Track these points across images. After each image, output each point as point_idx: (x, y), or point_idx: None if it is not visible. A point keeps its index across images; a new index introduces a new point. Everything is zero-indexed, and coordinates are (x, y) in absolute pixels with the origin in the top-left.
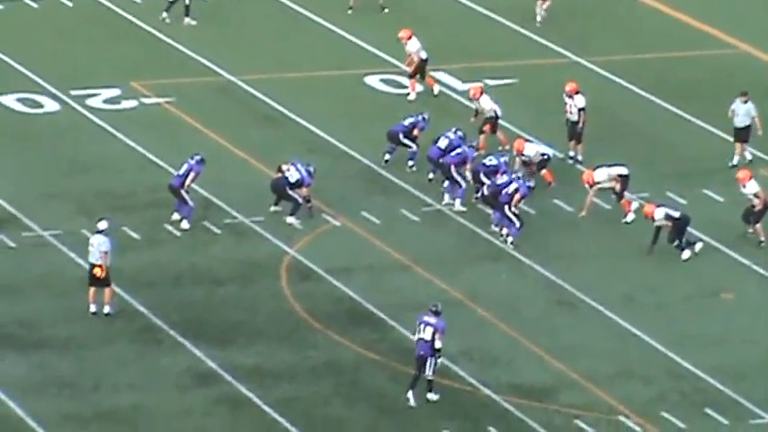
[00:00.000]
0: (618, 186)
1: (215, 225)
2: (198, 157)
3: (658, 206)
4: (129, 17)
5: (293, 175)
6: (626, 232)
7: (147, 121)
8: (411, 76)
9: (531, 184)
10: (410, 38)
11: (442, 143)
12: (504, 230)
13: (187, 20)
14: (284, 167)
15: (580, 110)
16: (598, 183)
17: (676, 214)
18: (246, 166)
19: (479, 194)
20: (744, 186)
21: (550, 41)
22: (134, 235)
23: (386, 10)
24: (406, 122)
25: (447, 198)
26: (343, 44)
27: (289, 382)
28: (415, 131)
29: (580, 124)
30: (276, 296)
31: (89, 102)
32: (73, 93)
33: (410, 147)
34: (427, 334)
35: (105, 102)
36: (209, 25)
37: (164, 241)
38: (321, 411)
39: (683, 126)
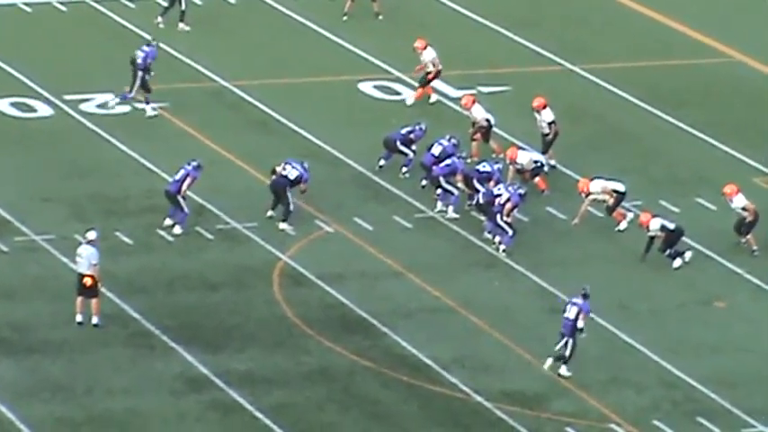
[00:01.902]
0: (611, 201)
1: (208, 231)
2: (195, 163)
3: (654, 216)
4: (123, 22)
5: (292, 173)
6: (619, 240)
7: (141, 127)
8: (422, 85)
9: (523, 191)
10: (425, 48)
11: (436, 150)
12: (497, 238)
13: (181, 25)
14: (279, 168)
15: (550, 123)
16: (592, 193)
17: (671, 226)
18: (240, 172)
19: (474, 202)
20: (731, 201)
21: (545, 49)
22: (127, 240)
23: (380, 17)
24: (404, 131)
25: (440, 205)
26: (337, 50)
27: (281, 387)
28: (412, 138)
29: (551, 136)
30: (269, 302)
31: (82, 106)
32: (66, 97)
33: (406, 154)
34: (572, 313)
35: (99, 106)
36: (202, 30)
37: (157, 246)
38: (314, 417)
39: (676, 134)
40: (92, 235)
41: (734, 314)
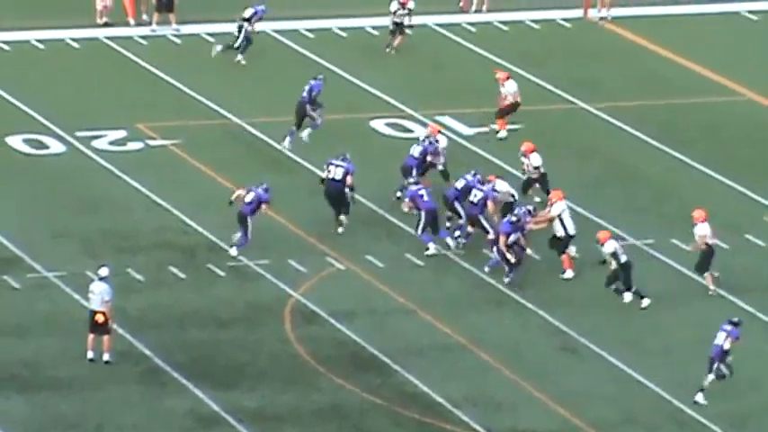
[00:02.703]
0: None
1: (219, 267)
2: (264, 186)
3: (612, 239)
4: (136, 59)
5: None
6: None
7: (153, 163)
8: (500, 117)
9: (514, 218)
10: (507, 79)
11: (459, 184)
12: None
13: (239, 57)
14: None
15: (536, 168)
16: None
17: (623, 258)
18: None
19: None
20: (694, 225)
21: (557, 87)
22: (138, 276)
23: (391, 51)
24: (416, 153)
25: (432, 248)
26: (349, 88)
27: (292, 425)
28: (428, 158)
29: (535, 177)
30: (280, 339)
31: (95, 143)
32: (78, 134)
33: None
34: (720, 339)
35: (111, 143)
36: (215, 68)
37: (168, 283)
38: None
39: (687, 172)
40: (104, 271)
41: (746, 351)
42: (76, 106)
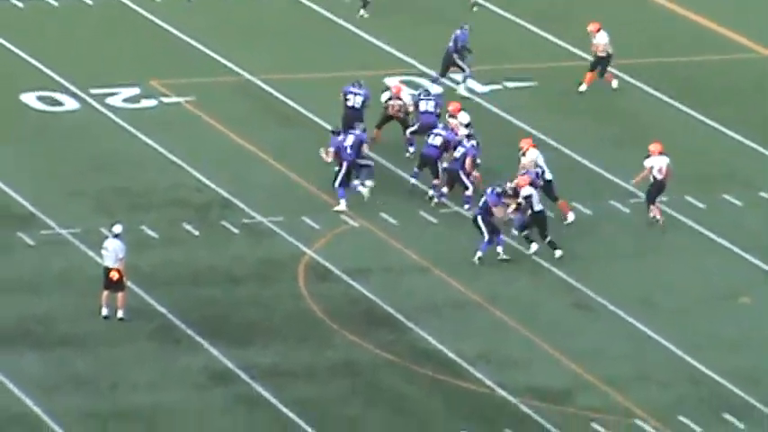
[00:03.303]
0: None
1: (233, 224)
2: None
3: (530, 185)
4: (150, 16)
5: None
6: (644, 236)
7: (167, 121)
8: (591, 69)
9: (475, 142)
10: (598, 30)
11: (437, 141)
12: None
13: (362, 11)
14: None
15: (466, 125)
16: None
17: (537, 207)
18: (266, 166)
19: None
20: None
21: (572, 45)
22: (152, 233)
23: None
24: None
25: (342, 205)
26: (364, 45)
27: (306, 382)
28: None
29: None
30: (294, 296)
31: (109, 100)
32: (93, 91)
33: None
34: None
35: (125, 101)
36: (228, 24)
37: (182, 240)
38: (338, 411)
39: (703, 130)
40: (118, 228)
41: (759, 310)
42: (90, 63)
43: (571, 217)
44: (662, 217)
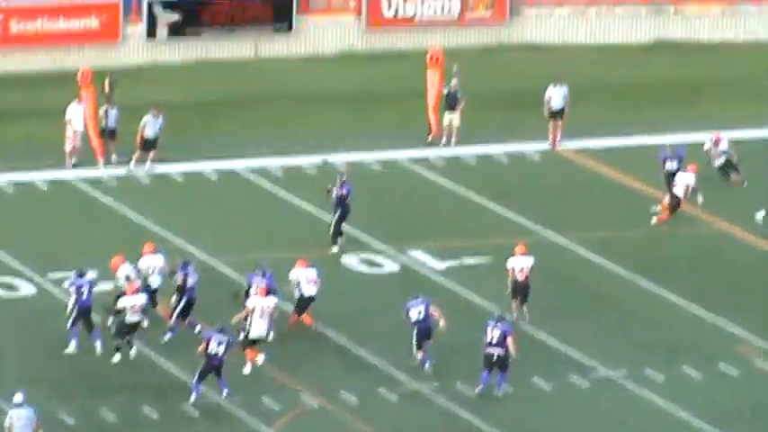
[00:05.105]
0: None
1: (192, 407)
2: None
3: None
4: (105, 201)
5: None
6: (603, 412)
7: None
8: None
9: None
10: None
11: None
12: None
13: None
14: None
15: None
16: None
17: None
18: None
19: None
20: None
21: (529, 219)
22: (111, 418)
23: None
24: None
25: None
26: (318, 225)
27: None
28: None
29: None
30: None
31: (66, 285)
32: (50, 276)
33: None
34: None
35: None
36: (182, 207)
37: (141, 426)
38: None
39: (660, 301)
40: (18, 398)
41: None
42: (46, 249)
43: None
44: None
